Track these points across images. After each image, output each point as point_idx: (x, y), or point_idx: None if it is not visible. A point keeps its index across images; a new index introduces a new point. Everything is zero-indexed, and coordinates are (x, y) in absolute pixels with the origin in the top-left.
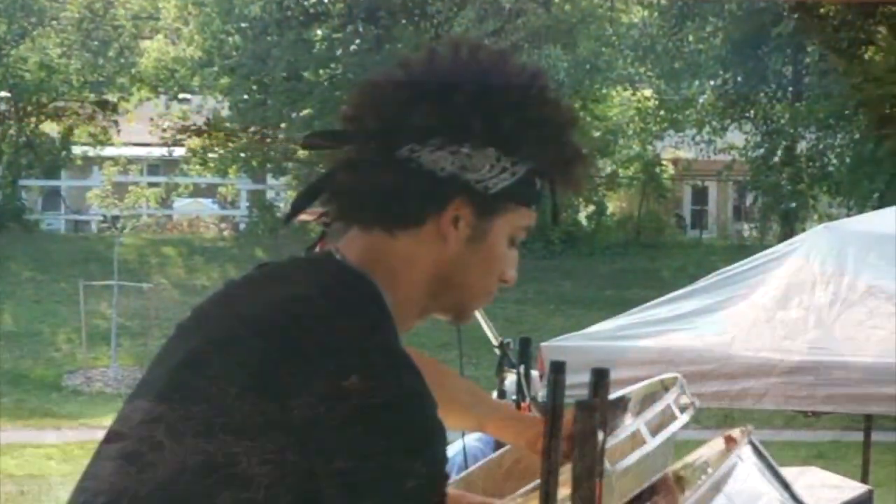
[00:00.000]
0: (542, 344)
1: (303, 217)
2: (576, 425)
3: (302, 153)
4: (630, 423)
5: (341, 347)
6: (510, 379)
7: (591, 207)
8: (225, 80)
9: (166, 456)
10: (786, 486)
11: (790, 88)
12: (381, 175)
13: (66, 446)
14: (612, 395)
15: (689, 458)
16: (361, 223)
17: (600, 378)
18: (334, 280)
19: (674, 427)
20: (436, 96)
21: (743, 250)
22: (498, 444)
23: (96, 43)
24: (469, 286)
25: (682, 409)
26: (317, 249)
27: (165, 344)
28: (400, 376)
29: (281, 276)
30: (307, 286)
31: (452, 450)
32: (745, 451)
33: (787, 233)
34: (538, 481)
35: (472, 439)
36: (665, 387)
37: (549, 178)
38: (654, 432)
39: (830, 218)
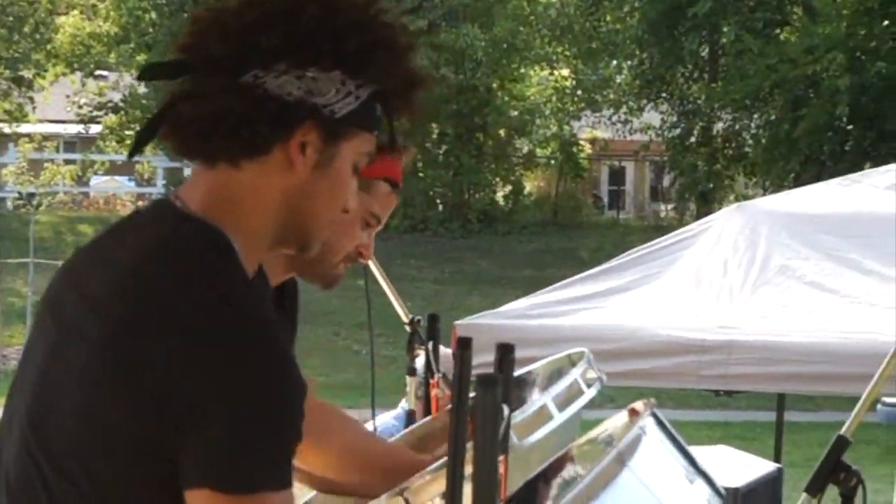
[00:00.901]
0: (456, 322)
1: None
2: (477, 399)
3: None
4: (537, 399)
5: (184, 310)
6: (422, 356)
7: (509, 187)
8: (141, 57)
9: (49, 445)
10: (690, 458)
11: (706, 69)
12: (225, 103)
13: None
14: (520, 371)
15: (592, 433)
16: (206, 156)
17: (505, 353)
18: (174, 236)
19: (581, 401)
20: (282, 19)
21: (660, 230)
22: (409, 423)
23: (11, 19)
24: (316, 214)
25: (589, 384)
26: None
27: (32, 332)
28: (247, 332)
29: (123, 240)
30: (144, 248)
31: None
32: (648, 423)
33: (705, 213)
34: (446, 458)
35: (389, 417)
36: (572, 362)
37: (389, 102)
38: (562, 407)
39: (747, 198)
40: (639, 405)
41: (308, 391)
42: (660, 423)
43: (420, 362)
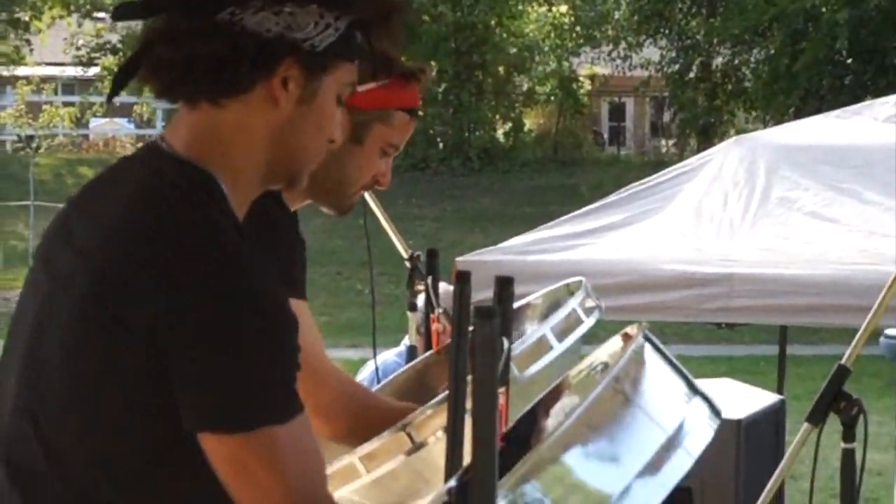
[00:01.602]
0: (457, 259)
1: None
2: (475, 331)
3: None
4: (536, 329)
5: (173, 254)
6: (423, 292)
7: (509, 124)
8: None
9: (43, 393)
10: (685, 378)
11: (705, 3)
12: (203, 43)
13: None
14: (518, 303)
15: (587, 361)
16: (186, 97)
17: (504, 286)
18: (161, 181)
19: (580, 330)
20: None
21: (661, 166)
22: (410, 358)
23: None
24: (303, 148)
25: (588, 313)
26: None
27: (26, 285)
28: (236, 271)
29: (112, 187)
30: (132, 196)
31: (369, 367)
32: (642, 346)
33: (705, 148)
34: (448, 392)
35: (391, 355)
36: (570, 291)
37: (368, 30)
38: (561, 337)
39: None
40: (631, 329)
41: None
42: (653, 345)
43: (421, 298)
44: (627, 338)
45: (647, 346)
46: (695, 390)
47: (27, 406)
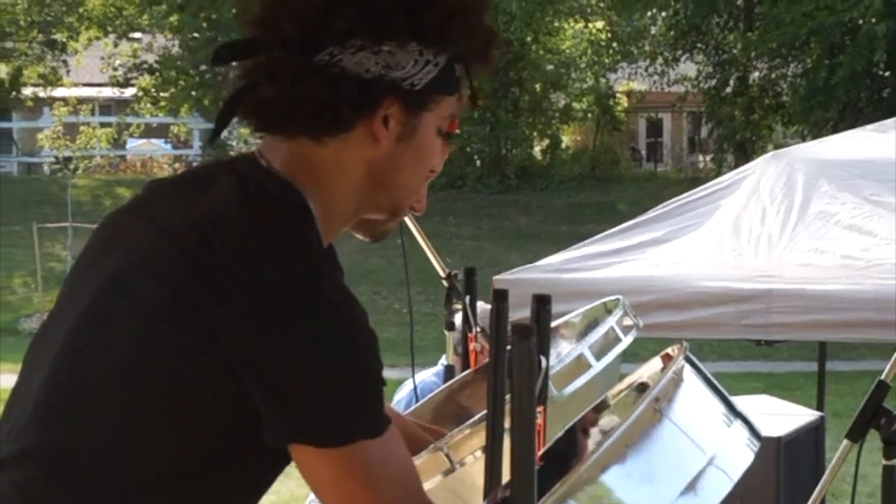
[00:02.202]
0: (495, 277)
1: None
2: (512, 350)
3: None
4: (574, 348)
5: (263, 262)
6: (461, 311)
7: (546, 141)
8: (174, 18)
9: (89, 372)
10: (726, 400)
11: (742, 18)
12: (304, 85)
13: None
14: (556, 322)
15: (627, 381)
16: (287, 133)
17: (541, 304)
18: (257, 189)
19: (618, 349)
20: None
21: (698, 182)
22: (448, 377)
23: None
24: (402, 184)
25: (626, 331)
26: None
27: (85, 254)
28: (321, 287)
29: (203, 186)
30: (229, 197)
31: (407, 386)
32: (682, 367)
33: (742, 164)
34: (486, 411)
35: (429, 374)
36: (608, 310)
37: (467, 62)
38: (599, 356)
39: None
40: (672, 350)
41: None
42: (694, 366)
43: (458, 317)
44: (668, 358)
45: (688, 367)
46: (735, 412)
47: (62, 385)
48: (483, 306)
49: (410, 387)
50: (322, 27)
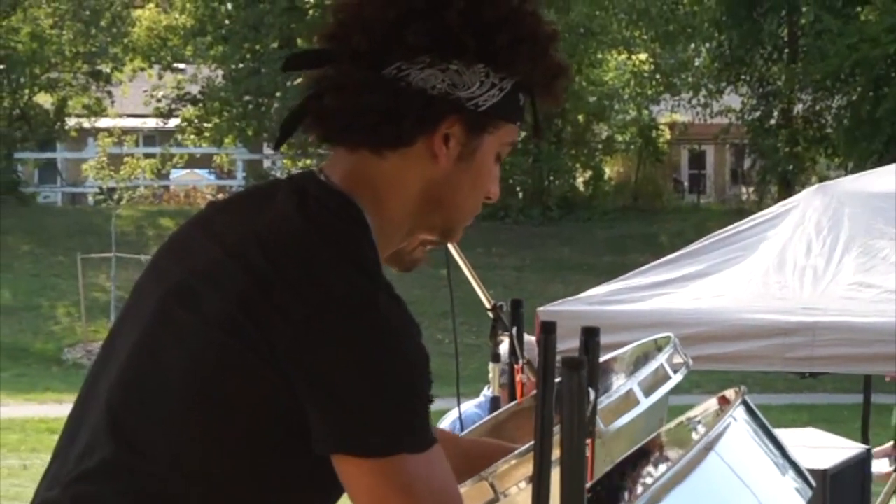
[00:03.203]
0: (539, 309)
1: None
2: (562, 382)
3: None
4: (623, 383)
5: (321, 274)
6: (505, 342)
7: (589, 173)
8: (218, 49)
9: (154, 383)
10: (780, 446)
11: (786, 50)
12: (370, 96)
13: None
14: (605, 356)
15: (681, 419)
16: (349, 144)
17: (590, 336)
18: (316, 203)
19: (667, 387)
20: (427, 13)
21: (741, 214)
22: (494, 409)
23: (88, 13)
24: (458, 205)
25: (675, 369)
26: None
27: (148, 270)
28: (377, 301)
29: (263, 201)
30: (289, 211)
31: (449, 417)
32: (739, 412)
33: (785, 196)
34: (532, 442)
35: (470, 406)
36: (658, 347)
37: (532, 93)
38: (647, 392)
39: (829, 180)
40: (730, 393)
41: None
42: (750, 411)
43: (503, 348)
44: (724, 401)
45: (744, 411)
46: (789, 460)
47: (143, 381)
48: (527, 338)
49: (453, 417)
50: (392, 41)
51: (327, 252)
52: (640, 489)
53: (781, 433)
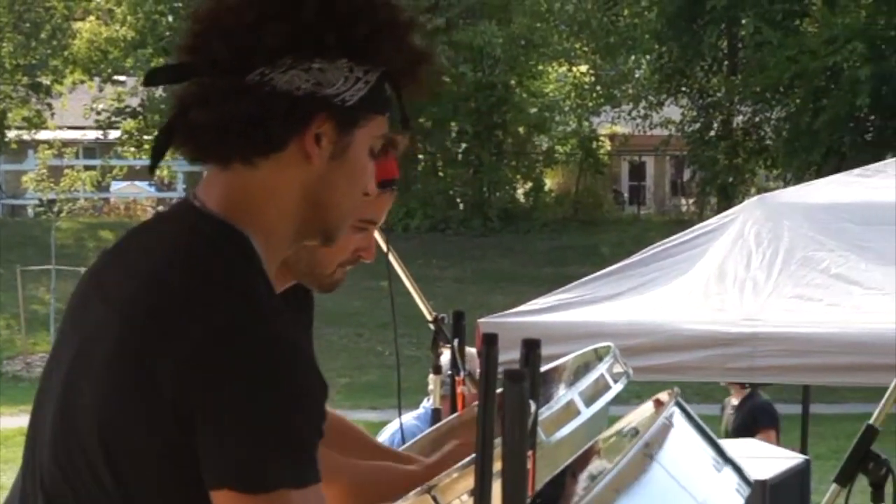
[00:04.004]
0: (479, 321)
1: None
2: (504, 395)
3: None
4: (563, 394)
5: (202, 311)
6: (447, 354)
7: (529, 184)
8: (159, 61)
9: (75, 453)
10: (716, 446)
11: (725, 62)
12: (235, 105)
13: (6, 433)
14: (546, 367)
15: (617, 425)
16: (220, 159)
17: (531, 349)
18: (192, 236)
19: (607, 396)
20: (282, 14)
21: (681, 225)
22: (435, 420)
23: (28, 25)
24: (336, 204)
25: (616, 379)
26: None
27: (57, 339)
28: (262, 332)
29: (141, 245)
30: (164, 253)
31: (390, 429)
32: (674, 413)
33: (725, 207)
34: (474, 455)
35: (410, 417)
36: (599, 356)
37: (397, 81)
38: (588, 402)
39: (768, 192)
40: (663, 396)
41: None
42: (685, 412)
43: (445, 360)
44: (659, 404)
45: (679, 413)
46: (725, 458)
47: (59, 459)
48: (468, 350)
49: (393, 429)
50: (252, 47)
51: (206, 287)
52: (577, 498)
53: (721, 443)
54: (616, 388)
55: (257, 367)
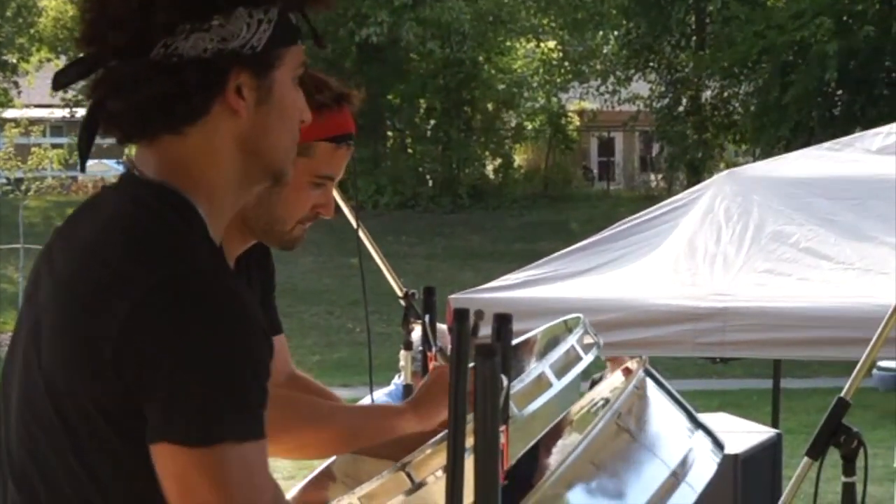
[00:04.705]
0: (450, 297)
1: None
2: (476, 370)
3: None
4: (534, 366)
5: (141, 270)
6: (417, 330)
7: (498, 161)
8: None
9: (41, 438)
10: (686, 411)
11: (693, 37)
12: (148, 84)
13: None
14: (516, 340)
15: (588, 396)
16: (149, 137)
17: (503, 323)
18: (130, 204)
19: (579, 367)
20: None
21: (650, 201)
22: (406, 397)
23: None
24: (274, 145)
25: (586, 350)
26: None
27: (19, 316)
28: (202, 287)
29: (86, 219)
30: (103, 223)
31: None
32: (643, 380)
33: (694, 182)
34: (447, 431)
35: (381, 394)
36: (568, 328)
37: (299, 7)
38: (560, 374)
39: (737, 167)
40: (632, 364)
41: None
42: (654, 379)
43: (416, 336)
44: (628, 372)
45: (649, 381)
46: (697, 423)
47: (26, 430)
48: (439, 327)
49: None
50: (146, 27)
51: (145, 250)
52: (550, 471)
53: (691, 409)
54: (587, 358)
55: (198, 321)
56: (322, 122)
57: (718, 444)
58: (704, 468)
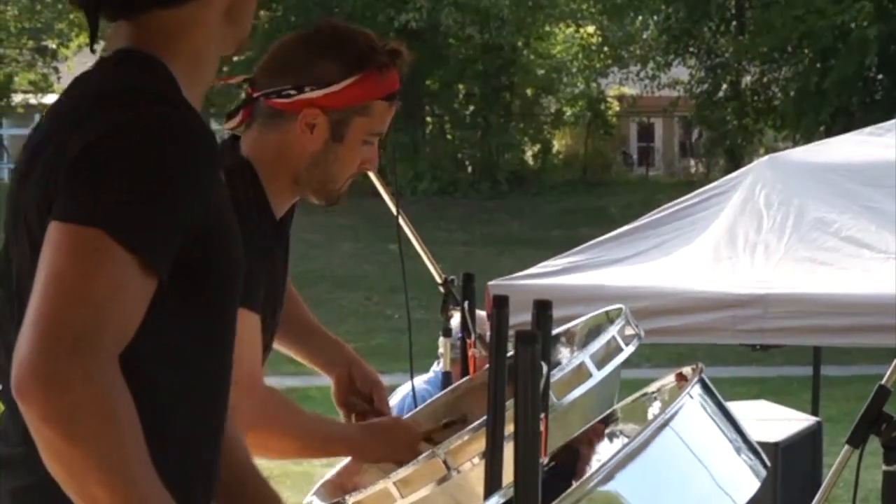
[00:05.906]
0: (490, 283)
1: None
2: (516, 356)
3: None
4: (574, 356)
5: (101, 113)
6: (456, 317)
7: (537, 146)
8: None
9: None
10: (735, 425)
11: (733, 22)
12: None
13: None
14: (556, 330)
15: (637, 394)
16: (141, 11)
17: (542, 310)
18: (119, 68)
19: (619, 359)
20: None
21: (690, 186)
22: (445, 384)
23: None
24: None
25: (627, 341)
26: (239, 117)
27: None
28: (153, 111)
29: (83, 80)
30: (93, 82)
31: (400, 393)
32: (696, 389)
33: (733, 168)
34: (485, 418)
35: (420, 381)
36: (610, 319)
37: None
38: (600, 365)
39: (777, 152)
40: (687, 370)
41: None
42: (707, 389)
43: (455, 323)
44: (682, 378)
45: (701, 389)
46: (745, 439)
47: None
48: (478, 314)
49: (403, 393)
50: None
51: (112, 96)
52: (595, 464)
53: (732, 406)
54: (628, 350)
55: (149, 134)
56: (377, 82)
57: (763, 463)
58: (747, 484)
